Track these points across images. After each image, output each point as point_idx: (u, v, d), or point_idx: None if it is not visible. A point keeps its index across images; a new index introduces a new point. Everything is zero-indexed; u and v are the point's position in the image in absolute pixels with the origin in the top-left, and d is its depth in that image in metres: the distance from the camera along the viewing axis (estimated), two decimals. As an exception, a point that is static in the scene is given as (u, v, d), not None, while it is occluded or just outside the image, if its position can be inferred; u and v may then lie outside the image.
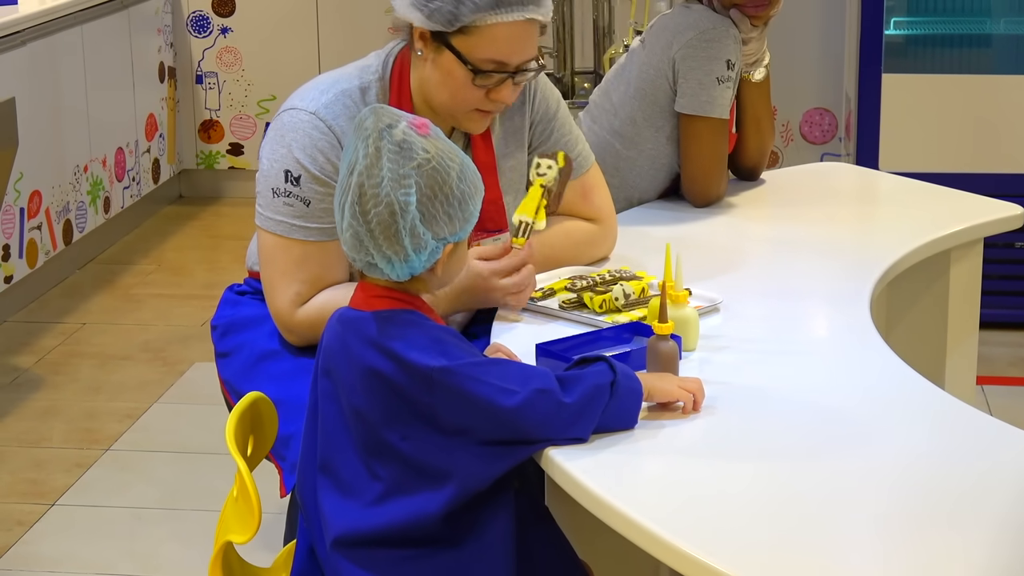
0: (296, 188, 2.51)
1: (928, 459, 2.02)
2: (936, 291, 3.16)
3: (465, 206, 2.07)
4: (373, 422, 2.05)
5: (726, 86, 3.16)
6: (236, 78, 6.27)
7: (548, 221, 2.78)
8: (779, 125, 5.87)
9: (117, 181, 5.65)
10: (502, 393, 1.99)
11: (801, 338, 2.53)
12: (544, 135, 2.74)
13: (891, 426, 2.13)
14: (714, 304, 2.56)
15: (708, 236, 3.06)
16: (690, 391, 2.12)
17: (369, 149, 2.04)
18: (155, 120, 6.02)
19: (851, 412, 2.17)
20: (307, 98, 2.57)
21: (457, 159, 2.07)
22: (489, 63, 2.48)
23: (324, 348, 2.13)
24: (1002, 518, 1.85)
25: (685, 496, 1.93)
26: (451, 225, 2.06)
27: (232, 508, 2.21)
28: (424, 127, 2.07)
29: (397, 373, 2.02)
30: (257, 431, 2.32)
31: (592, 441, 2.05)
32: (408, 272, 2.06)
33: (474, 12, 2.45)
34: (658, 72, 3.18)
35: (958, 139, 4.61)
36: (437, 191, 2.04)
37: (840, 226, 3.15)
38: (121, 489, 3.76)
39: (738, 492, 1.93)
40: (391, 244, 2.03)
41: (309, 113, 2.54)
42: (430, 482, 2.03)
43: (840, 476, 1.97)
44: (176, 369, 4.53)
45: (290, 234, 2.53)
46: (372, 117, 2.06)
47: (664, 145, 3.23)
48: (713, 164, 3.21)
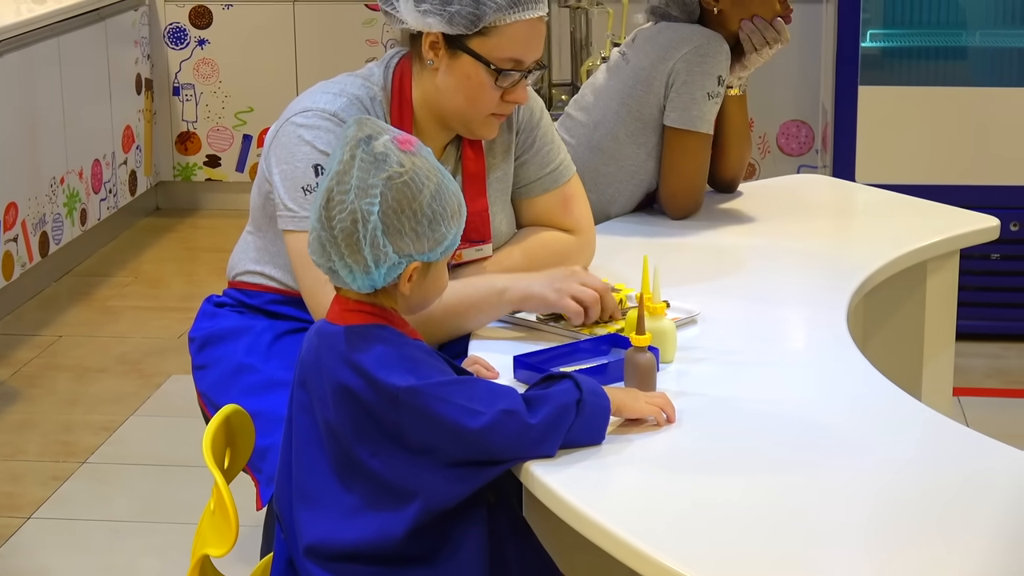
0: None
1: (906, 471, 2.03)
2: (913, 302, 3.17)
3: (435, 226, 2.05)
4: (344, 437, 2.05)
5: (715, 102, 3.17)
6: (213, 90, 6.26)
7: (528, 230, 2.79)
8: (756, 137, 5.89)
9: (94, 193, 5.63)
10: (468, 414, 1.99)
11: (778, 349, 2.53)
12: (527, 143, 2.75)
13: (868, 438, 2.13)
14: (692, 316, 2.56)
15: (686, 248, 3.06)
16: (659, 406, 2.13)
17: (344, 156, 2.04)
18: (132, 132, 6.01)
19: (828, 423, 2.17)
20: (320, 101, 2.56)
21: (435, 179, 2.06)
22: (509, 62, 2.51)
23: (301, 360, 2.13)
24: (987, 529, 1.85)
25: (666, 509, 1.93)
26: (418, 243, 2.05)
27: (209, 521, 2.21)
28: (408, 143, 2.07)
29: (366, 390, 2.02)
30: (234, 444, 2.32)
31: (571, 453, 2.04)
32: (369, 284, 2.06)
33: (496, 12, 2.48)
34: (647, 87, 3.18)
35: (934, 151, 4.63)
36: (405, 206, 2.03)
37: (817, 238, 3.16)
38: (97, 502, 3.75)
39: (720, 504, 1.93)
40: (352, 252, 2.04)
41: (328, 114, 2.53)
42: (396, 500, 2.03)
43: (819, 487, 1.97)
44: (153, 381, 4.51)
45: None
46: (355, 127, 2.06)
47: (645, 161, 3.23)
48: (696, 178, 3.22)
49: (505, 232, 2.76)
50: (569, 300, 2.48)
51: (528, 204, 2.79)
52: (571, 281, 2.50)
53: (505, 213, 2.74)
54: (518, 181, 2.77)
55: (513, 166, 2.75)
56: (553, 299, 2.49)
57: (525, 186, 2.78)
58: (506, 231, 2.76)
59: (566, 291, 2.49)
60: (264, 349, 2.63)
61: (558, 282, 2.50)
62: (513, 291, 2.51)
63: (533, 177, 2.77)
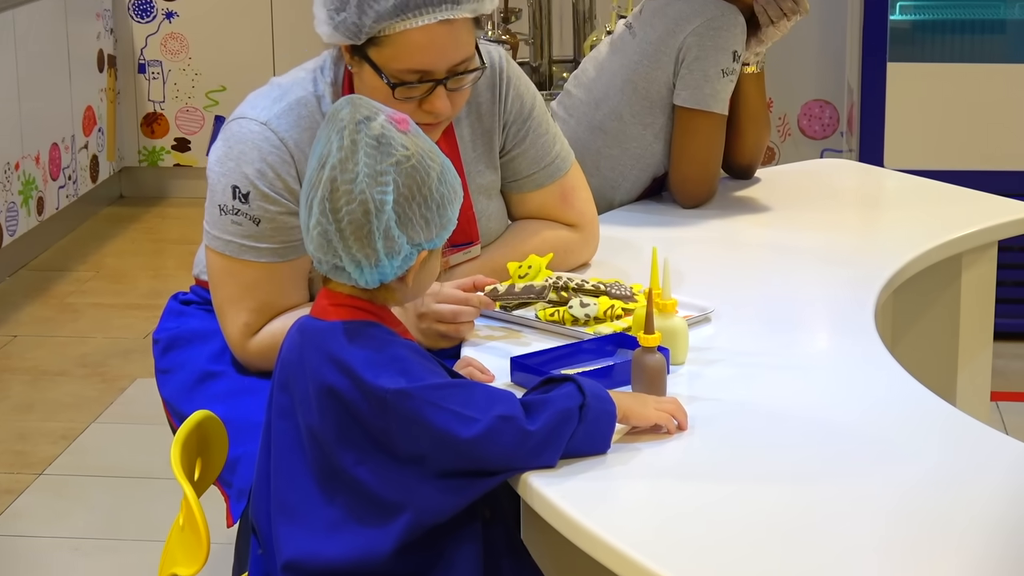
0: (245, 206, 2.51)
1: (937, 482, 2.03)
2: (946, 299, 3.17)
3: (443, 211, 2.07)
4: (328, 443, 2.05)
5: (729, 79, 3.17)
6: (182, 67, 6.25)
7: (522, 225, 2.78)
8: (775, 119, 5.89)
9: (52, 180, 5.63)
10: (461, 421, 1.99)
11: (799, 351, 2.53)
12: (518, 137, 2.73)
13: (898, 446, 2.13)
14: (705, 314, 2.56)
15: (698, 240, 3.06)
16: (669, 412, 2.12)
17: (344, 142, 2.04)
18: (93, 113, 6.00)
19: (854, 431, 2.17)
20: (258, 106, 2.55)
21: (438, 160, 2.08)
22: (410, 73, 2.45)
23: (282, 360, 2.13)
24: (1018, 546, 1.85)
25: (677, 524, 1.93)
26: (427, 230, 2.06)
27: (178, 538, 2.21)
28: (404, 123, 2.07)
29: (352, 391, 2.02)
30: (205, 453, 2.32)
31: (573, 463, 2.04)
32: (378, 279, 2.06)
33: (377, 21, 2.42)
34: (655, 63, 3.18)
35: (970, 133, 4.63)
36: (415, 192, 2.04)
37: (841, 229, 3.16)
38: (56, 518, 3.75)
39: (736, 519, 1.93)
40: (362, 246, 2.04)
41: (260, 123, 2.53)
42: (383, 514, 2.03)
43: (840, 501, 1.97)
44: (116, 386, 4.51)
45: (240, 255, 2.52)
46: (349, 107, 2.06)
47: (651, 143, 3.23)
48: (709, 162, 3.22)
49: (494, 230, 2.75)
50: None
51: (523, 199, 2.79)
52: (427, 322, 2.46)
53: (491, 210, 2.73)
54: (509, 176, 2.76)
55: (500, 160, 2.73)
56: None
57: (518, 181, 2.77)
58: (495, 228, 2.75)
59: (430, 332, 2.47)
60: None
61: (419, 326, 2.47)
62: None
63: (526, 172, 2.76)
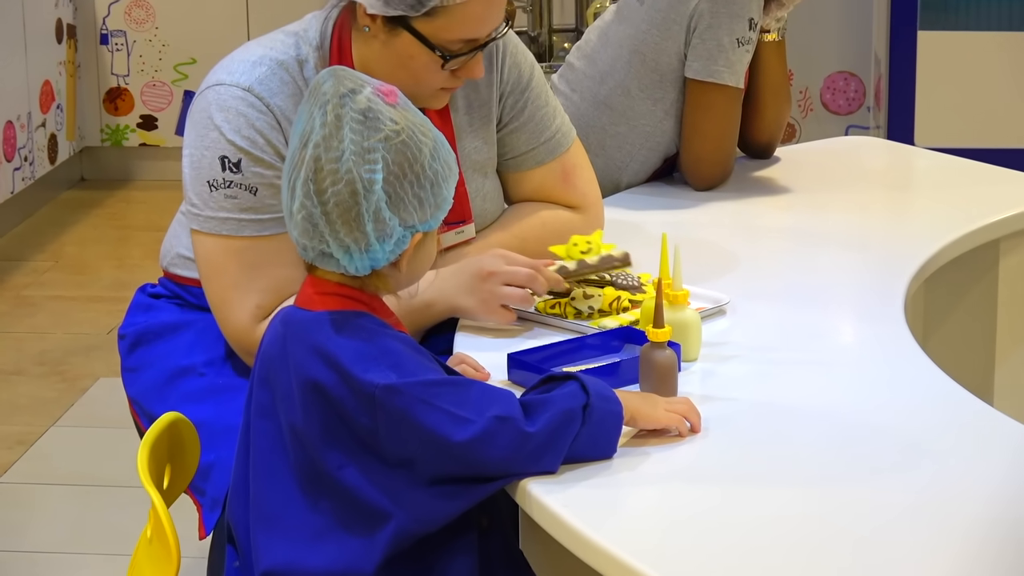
0: (237, 175, 2.50)
1: (973, 488, 2.03)
2: (983, 289, 3.17)
3: (438, 189, 2.07)
4: (311, 444, 2.05)
5: (745, 50, 3.16)
6: (148, 38, 6.25)
7: (520, 208, 2.79)
8: (796, 93, 5.89)
9: (6, 161, 5.62)
10: (454, 422, 1.99)
11: (822, 346, 2.53)
12: (516, 109, 2.74)
13: (929, 450, 2.13)
14: (719, 306, 2.56)
15: (712, 225, 3.07)
16: (681, 414, 2.13)
17: (328, 117, 2.04)
18: (51, 88, 6.00)
19: (881, 433, 2.17)
20: (236, 71, 2.55)
21: (430, 135, 2.08)
22: (459, 43, 2.49)
23: (263, 353, 2.13)
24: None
25: (685, 534, 1.93)
26: (421, 211, 2.07)
27: (146, 551, 2.21)
28: (392, 95, 2.08)
29: (338, 387, 2.02)
30: (175, 459, 2.32)
31: (576, 469, 2.05)
32: (369, 265, 2.07)
33: None
34: (664, 32, 3.18)
35: (1008, 108, 4.63)
36: (407, 170, 2.04)
37: (868, 212, 3.16)
38: (13, 530, 3.75)
39: (753, 529, 1.93)
40: (350, 230, 2.04)
41: (242, 89, 2.52)
42: (370, 522, 2.03)
43: (867, 508, 1.97)
44: (78, 386, 4.51)
45: (239, 232, 2.50)
46: (331, 80, 2.06)
47: (661, 120, 3.23)
48: (724, 140, 3.22)
49: (490, 211, 2.75)
50: (499, 310, 2.46)
51: (520, 178, 2.79)
52: (493, 283, 2.47)
53: (486, 189, 2.74)
54: (506, 152, 2.77)
55: (497, 135, 2.74)
56: (482, 311, 2.47)
57: (516, 158, 2.77)
58: (491, 209, 2.75)
59: (492, 297, 2.47)
60: (207, 348, 2.63)
61: (478, 287, 2.47)
62: (440, 304, 2.50)
63: (525, 148, 2.77)
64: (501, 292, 2.46)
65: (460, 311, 2.51)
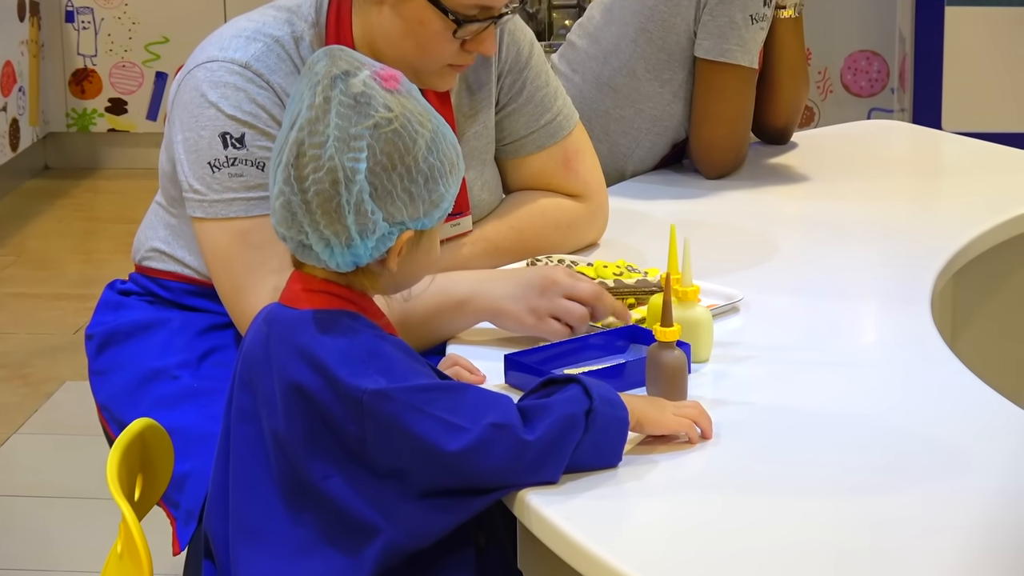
0: (242, 151, 2.49)
1: (1007, 499, 2.03)
2: (1015, 284, 3.18)
3: (433, 186, 2.07)
4: (294, 452, 2.05)
5: (760, 27, 3.17)
6: (117, 15, 6.25)
7: (518, 197, 2.79)
8: (814, 73, 5.89)
9: (-36, 148, 5.63)
10: (448, 431, 1.99)
11: (842, 346, 2.54)
12: (514, 89, 2.74)
13: (959, 457, 2.14)
14: (732, 303, 2.57)
15: (725, 215, 3.07)
16: (690, 419, 2.13)
17: (316, 99, 2.04)
18: (13, 70, 5.99)
19: (907, 439, 2.18)
20: (229, 47, 2.54)
21: (430, 125, 2.07)
22: (473, 8, 2.49)
23: (244, 354, 2.13)
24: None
25: (695, 549, 1.94)
26: (412, 207, 2.06)
27: (116, 567, 2.21)
28: (392, 80, 2.07)
29: (324, 391, 2.03)
30: (147, 469, 2.32)
31: (579, 479, 2.05)
32: (351, 261, 2.07)
33: None
34: (672, 8, 3.18)
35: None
36: (396, 161, 2.04)
37: (892, 202, 3.16)
38: (-28, 545, 3.76)
39: (764, 542, 1.93)
40: (331, 222, 2.04)
41: (239, 65, 2.51)
42: (357, 536, 2.03)
43: (891, 519, 1.97)
44: (42, 390, 4.51)
45: (249, 212, 2.49)
46: (326, 60, 2.06)
47: (670, 103, 3.24)
48: (737, 125, 3.22)
49: (488, 201, 2.76)
50: (552, 323, 2.43)
51: (519, 164, 2.80)
52: (552, 297, 2.43)
53: (485, 178, 2.74)
54: (504, 137, 2.77)
55: (495, 119, 2.74)
56: (531, 323, 2.43)
57: (514, 143, 2.78)
58: (488, 199, 2.76)
59: (546, 311, 2.43)
60: (182, 349, 2.63)
61: (535, 298, 2.43)
62: (478, 302, 2.46)
63: (524, 132, 2.77)
64: (560, 304, 2.43)
65: (500, 315, 2.46)
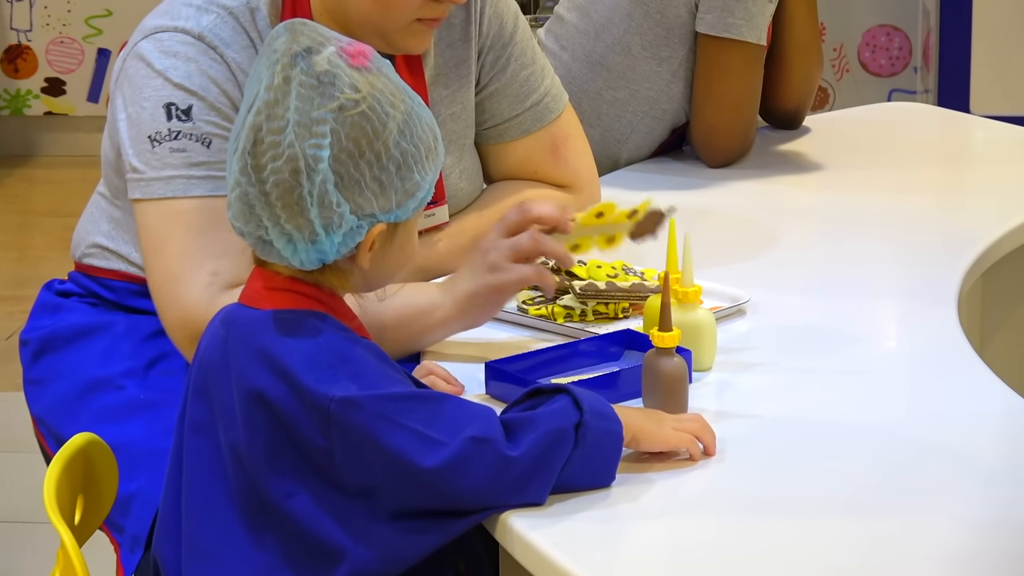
0: (187, 124, 2.47)
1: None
2: (1051, 284, 3.19)
3: (407, 173, 2.07)
4: (255, 467, 2.05)
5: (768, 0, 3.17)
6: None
7: (501, 187, 2.79)
8: (829, 50, 5.90)
9: None
10: (424, 445, 1.99)
11: (858, 352, 2.54)
12: (497, 67, 2.75)
13: (987, 472, 2.14)
14: (738, 304, 2.58)
15: (729, 208, 3.07)
16: (691, 433, 2.14)
17: (275, 80, 2.04)
18: (-61, 46, 6.00)
19: (930, 454, 2.18)
20: (180, 16, 2.54)
21: (402, 107, 2.07)
22: None
23: (200, 359, 2.13)
24: None
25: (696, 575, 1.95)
26: (383, 198, 2.06)
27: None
28: (361, 56, 2.07)
29: (288, 400, 2.03)
30: (89, 489, 2.32)
31: (567, 500, 2.05)
32: (317, 258, 2.07)
33: None
34: (672, -23, 3.20)
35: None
36: (364, 147, 2.04)
37: (915, 193, 3.17)
38: None
39: (772, 568, 1.94)
40: (292, 216, 2.04)
41: (192, 36, 2.51)
42: (321, 561, 2.04)
43: (913, 541, 1.98)
44: (-29, 402, 4.52)
45: (187, 191, 2.46)
46: (286, 35, 2.06)
47: (668, 83, 3.24)
48: (743, 108, 3.23)
49: (466, 190, 2.76)
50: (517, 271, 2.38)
51: (502, 151, 2.81)
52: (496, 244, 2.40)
53: (463, 165, 2.75)
54: (486, 120, 2.78)
55: (475, 99, 2.75)
56: (494, 282, 2.40)
57: (496, 127, 2.79)
58: (468, 189, 2.76)
59: (501, 257, 2.39)
60: (127, 356, 2.63)
61: (483, 259, 2.40)
62: (445, 308, 2.44)
63: (508, 114, 2.78)
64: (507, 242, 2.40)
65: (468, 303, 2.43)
